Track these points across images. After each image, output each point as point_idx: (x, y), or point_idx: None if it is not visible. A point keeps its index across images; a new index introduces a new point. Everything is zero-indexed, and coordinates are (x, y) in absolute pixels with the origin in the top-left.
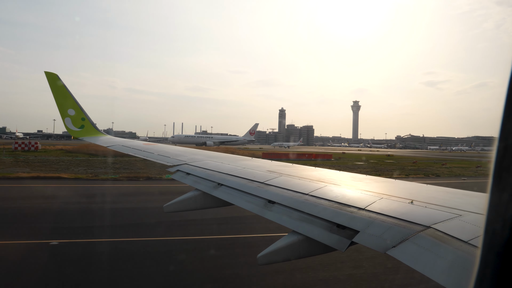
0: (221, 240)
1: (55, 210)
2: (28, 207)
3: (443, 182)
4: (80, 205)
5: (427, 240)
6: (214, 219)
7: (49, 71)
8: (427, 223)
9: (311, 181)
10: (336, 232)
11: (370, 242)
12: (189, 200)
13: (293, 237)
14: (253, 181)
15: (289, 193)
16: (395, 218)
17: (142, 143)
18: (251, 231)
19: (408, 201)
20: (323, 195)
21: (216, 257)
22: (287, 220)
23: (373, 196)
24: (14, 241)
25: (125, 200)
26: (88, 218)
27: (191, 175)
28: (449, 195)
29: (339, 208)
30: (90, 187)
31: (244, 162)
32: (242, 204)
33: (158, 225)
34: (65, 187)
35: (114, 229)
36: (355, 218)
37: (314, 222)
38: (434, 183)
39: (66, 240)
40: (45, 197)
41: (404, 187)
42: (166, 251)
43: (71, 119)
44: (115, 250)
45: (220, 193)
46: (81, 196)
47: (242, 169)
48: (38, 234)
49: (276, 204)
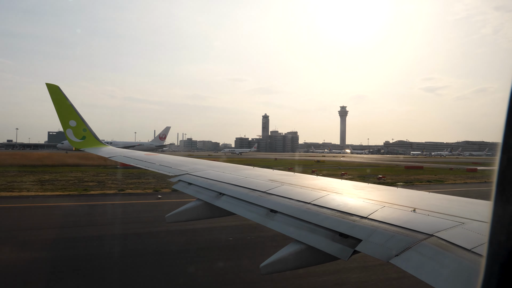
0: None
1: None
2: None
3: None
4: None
5: (430, 248)
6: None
7: (50, 83)
8: (430, 231)
9: (313, 190)
10: (339, 241)
11: (373, 251)
12: (191, 210)
13: (296, 246)
14: (255, 191)
15: (291, 202)
16: (398, 226)
17: (144, 153)
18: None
19: (410, 209)
20: (325, 204)
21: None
22: (289, 229)
23: (375, 204)
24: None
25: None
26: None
27: (193, 185)
28: (452, 203)
29: (342, 217)
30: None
31: (246, 171)
32: (244, 214)
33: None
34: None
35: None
36: (357, 227)
37: (317, 231)
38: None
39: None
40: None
41: (406, 195)
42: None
43: (72, 130)
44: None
45: (222, 203)
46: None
47: (244, 178)
48: None
49: (278, 213)
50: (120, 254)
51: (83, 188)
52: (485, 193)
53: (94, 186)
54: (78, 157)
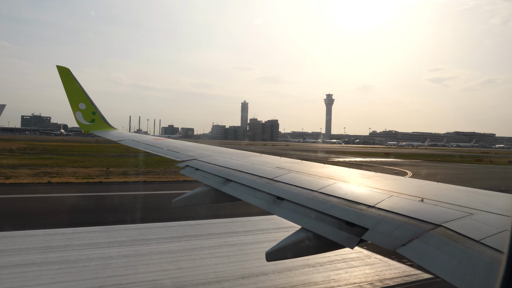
0: None
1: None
2: None
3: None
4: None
5: (438, 238)
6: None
7: (61, 66)
8: (437, 221)
9: (320, 178)
10: (345, 230)
11: (380, 240)
12: (198, 196)
13: (302, 234)
14: (261, 177)
15: (298, 189)
16: (405, 216)
17: (152, 138)
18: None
19: (418, 199)
20: (332, 192)
21: None
22: (296, 216)
23: (383, 193)
24: None
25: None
26: None
27: (200, 170)
28: (460, 193)
29: (348, 206)
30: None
31: (253, 158)
32: (250, 200)
33: None
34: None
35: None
36: (364, 216)
37: (323, 219)
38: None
39: None
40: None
41: (414, 184)
42: None
43: (82, 113)
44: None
45: (229, 189)
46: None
47: (251, 165)
48: None
49: (285, 201)
50: None
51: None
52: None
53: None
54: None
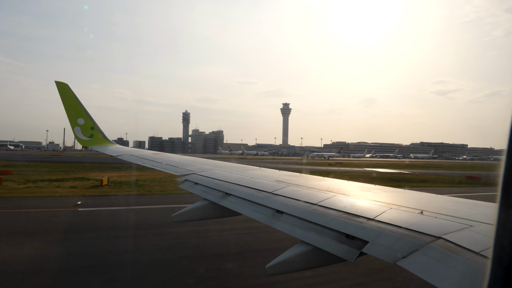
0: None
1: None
2: None
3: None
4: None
5: (438, 251)
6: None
7: (59, 81)
8: (437, 233)
9: (319, 191)
10: (345, 243)
11: (380, 253)
12: (197, 210)
13: (302, 247)
14: (261, 191)
15: (297, 203)
16: (405, 228)
17: (151, 152)
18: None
19: (417, 211)
20: (332, 205)
21: None
22: (295, 230)
23: (382, 206)
24: None
25: None
26: None
27: (199, 184)
28: (460, 205)
29: (348, 218)
30: None
31: (252, 172)
32: (250, 214)
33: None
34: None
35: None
36: (364, 229)
37: (323, 232)
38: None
39: None
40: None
41: (413, 197)
42: None
43: (80, 128)
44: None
45: (228, 203)
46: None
47: (250, 178)
48: None
49: (284, 214)
50: None
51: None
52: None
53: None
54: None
